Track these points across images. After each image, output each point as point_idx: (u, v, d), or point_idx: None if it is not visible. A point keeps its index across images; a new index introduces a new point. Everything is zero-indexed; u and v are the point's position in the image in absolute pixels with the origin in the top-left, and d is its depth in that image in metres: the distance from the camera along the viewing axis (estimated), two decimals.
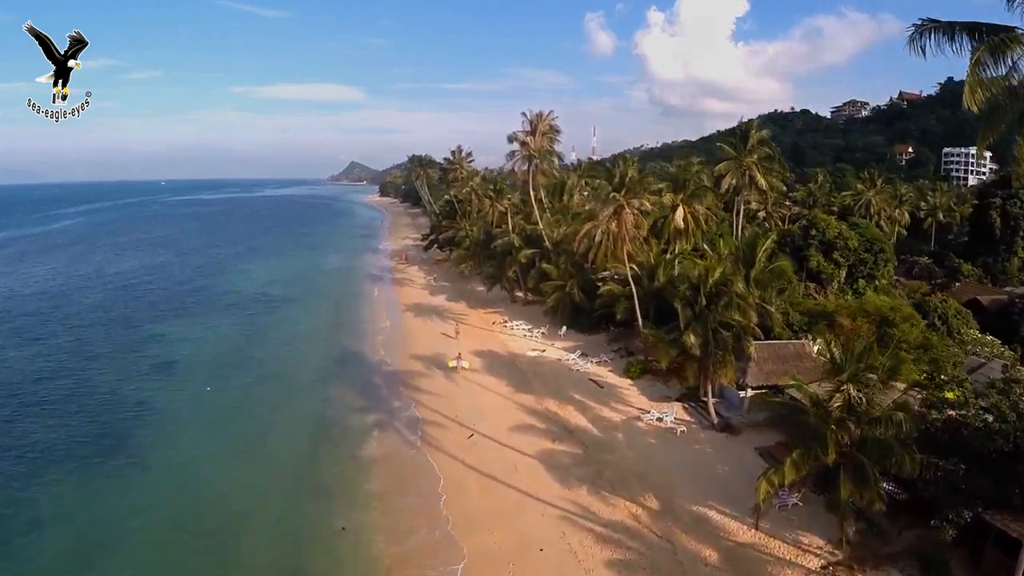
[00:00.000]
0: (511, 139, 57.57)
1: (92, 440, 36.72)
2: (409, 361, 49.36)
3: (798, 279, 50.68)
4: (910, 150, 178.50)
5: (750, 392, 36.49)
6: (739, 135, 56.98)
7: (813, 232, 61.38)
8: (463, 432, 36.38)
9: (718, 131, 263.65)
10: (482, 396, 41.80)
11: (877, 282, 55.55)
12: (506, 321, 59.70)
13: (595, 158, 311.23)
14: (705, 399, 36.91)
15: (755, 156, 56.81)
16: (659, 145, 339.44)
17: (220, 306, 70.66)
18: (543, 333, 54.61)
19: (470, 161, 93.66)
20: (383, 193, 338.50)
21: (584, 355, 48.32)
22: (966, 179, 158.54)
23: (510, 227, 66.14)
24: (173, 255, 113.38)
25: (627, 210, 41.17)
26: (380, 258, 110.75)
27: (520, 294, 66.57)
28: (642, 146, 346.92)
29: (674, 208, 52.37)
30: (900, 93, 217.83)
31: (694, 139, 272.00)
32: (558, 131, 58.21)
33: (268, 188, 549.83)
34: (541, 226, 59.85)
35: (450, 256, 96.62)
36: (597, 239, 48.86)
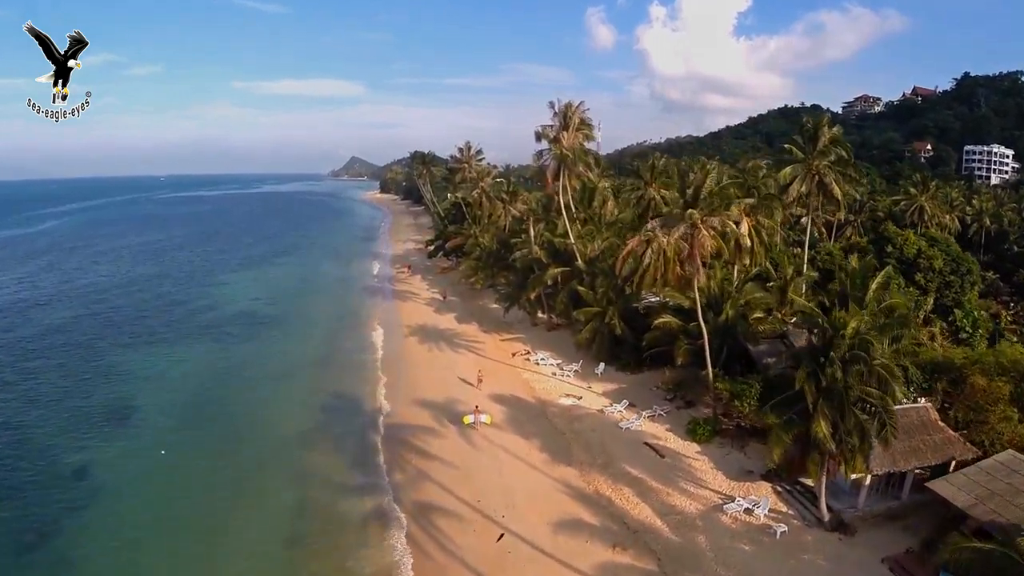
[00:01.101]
0: (539, 136, 48.30)
1: (11, 533, 28.04)
2: (414, 411, 40.50)
3: None
4: (929, 148, 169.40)
5: (868, 478, 27.71)
6: (807, 133, 47.88)
7: (889, 249, 52.51)
8: (490, 530, 27.52)
9: (727, 126, 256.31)
10: (510, 468, 32.91)
11: (976, 313, 46.42)
12: (528, 353, 50.76)
13: (600, 154, 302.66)
14: (811, 485, 28.09)
15: (828, 159, 47.81)
16: (662, 141, 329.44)
17: (196, 330, 61.70)
18: (576, 371, 45.67)
19: (480, 159, 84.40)
20: (384, 189, 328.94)
21: (632, 406, 39.40)
22: (988, 178, 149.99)
23: (531, 237, 57.11)
24: (155, 263, 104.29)
25: (702, 231, 32.14)
26: (380, 265, 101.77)
27: (543, 315, 57.61)
28: (644, 142, 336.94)
29: (737, 221, 43.46)
30: (914, 88, 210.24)
31: (701, 135, 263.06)
32: (591, 125, 49.04)
33: (267, 184, 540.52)
34: (572, 239, 50.62)
35: (458, 266, 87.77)
36: (646, 261, 39.99)
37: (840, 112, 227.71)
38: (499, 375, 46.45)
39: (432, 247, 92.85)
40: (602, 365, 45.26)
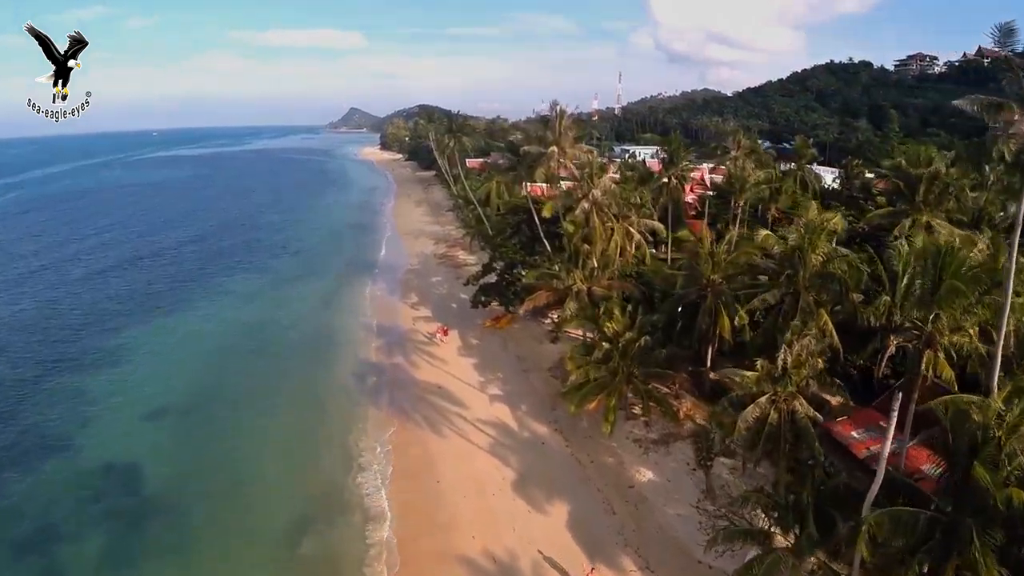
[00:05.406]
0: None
1: None
2: None
3: None
4: (1016, 118, 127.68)
5: None
6: None
7: None
8: None
9: (769, 81, 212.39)
10: None
11: None
12: None
13: (619, 106, 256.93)
14: None
15: None
16: (678, 94, 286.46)
17: None
18: None
19: (584, 135, 45.29)
20: (384, 146, 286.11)
21: None
22: None
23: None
24: (38, 300, 65.57)
25: None
26: (384, 299, 63.81)
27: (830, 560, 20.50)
28: (659, 94, 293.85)
29: None
30: (978, 49, 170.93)
31: (737, 91, 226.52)
32: None
33: (261, 138, 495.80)
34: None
35: (525, 314, 50.01)
36: None
37: (893, 71, 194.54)
38: None
39: (477, 284, 53.09)
40: None
